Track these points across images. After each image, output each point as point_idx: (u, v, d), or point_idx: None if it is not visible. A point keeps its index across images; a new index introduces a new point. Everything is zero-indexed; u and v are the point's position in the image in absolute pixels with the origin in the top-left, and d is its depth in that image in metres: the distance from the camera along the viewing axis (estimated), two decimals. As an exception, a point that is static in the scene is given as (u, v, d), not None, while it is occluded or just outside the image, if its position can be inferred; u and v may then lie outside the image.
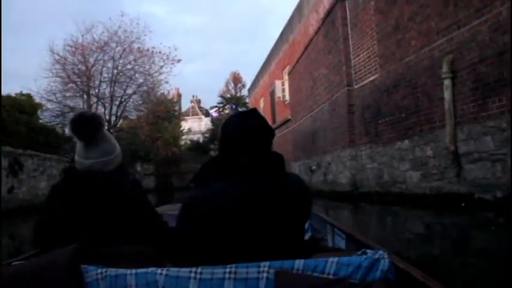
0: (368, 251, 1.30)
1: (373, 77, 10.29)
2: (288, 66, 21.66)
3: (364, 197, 10.58)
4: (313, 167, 14.59)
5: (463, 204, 6.95)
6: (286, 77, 22.66)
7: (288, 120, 20.15)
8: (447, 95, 7.25)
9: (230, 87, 61.30)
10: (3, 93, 21.50)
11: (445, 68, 7.30)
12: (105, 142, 1.91)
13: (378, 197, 9.87)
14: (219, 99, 60.68)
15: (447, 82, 7.26)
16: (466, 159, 6.97)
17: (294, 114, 18.39)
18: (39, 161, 13.99)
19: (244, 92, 57.60)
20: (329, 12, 12.69)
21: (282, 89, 23.12)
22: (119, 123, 34.74)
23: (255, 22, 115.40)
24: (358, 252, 1.30)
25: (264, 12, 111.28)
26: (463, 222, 6.71)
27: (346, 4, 11.59)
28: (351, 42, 11.44)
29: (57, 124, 31.11)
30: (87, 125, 1.83)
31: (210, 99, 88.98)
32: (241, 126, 1.55)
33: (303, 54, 16.32)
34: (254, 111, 1.65)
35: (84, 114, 1.91)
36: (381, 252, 1.28)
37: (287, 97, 22.33)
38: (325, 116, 13.30)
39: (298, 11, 19.91)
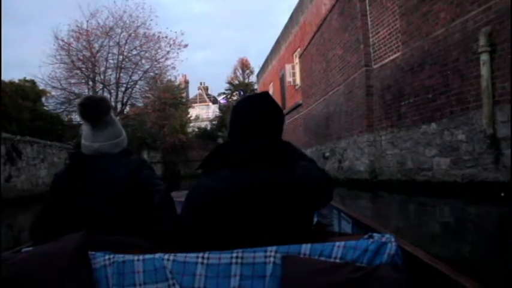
0: (375, 234, 1.30)
1: (394, 56, 9.47)
2: (298, 49, 20.80)
3: (384, 185, 9.81)
4: (327, 154, 13.82)
5: (502, 194, 6.16)
6: (296, 60, 21.82)
7: (298, 105, 19.32)
8: (485, 71, 6.43)
9: (238, 74, 60.53)
10: (6, 79, 21.02)
11: (482, 41, 6.48)
12: (112, 126, 1.93)
13: (400, 186, 9.10)
14: (227, 85, 60.03)
15: (484, 57, 6.44)
16: (506, 144, 6.17)
17: (306, 98, 17.56)
18: (39, 148, 13.34)
19: (253, 78, 56.79)
20: (345, -12, 11.82)
21: (293, 73, 22.30)
22: (126, 110, 34.31)
23: (263, 8, 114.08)
24: (365, 236, 1.30)
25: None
26: (503, 214, 5.95)
27: (364, -23, 10.73)
28: (369, 19, 10.59)
29: (63, 111, 30.76)
30: (95, 108, 1.86)
31: (218, 86, 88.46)
32: (249, 113, 1.53)
33: (315, 35, 15.47)
34: (264, 96, 1.59)
35: (92, 97, 1.93)
36: (387, 235, 1.27)
37: (298, 81, 21.52)
38: (340, 99, 12.50)
39: (310, -10, 19.00)
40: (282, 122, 1.59)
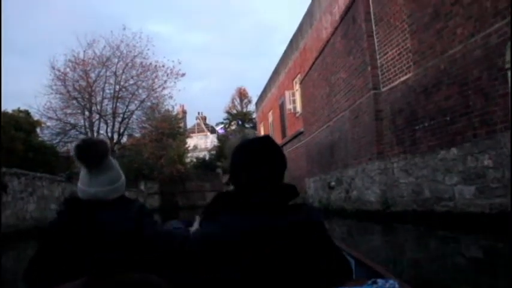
0: (379, 280, 1.31)
1: (405, 77, 8.85)
2: (299, 75, 20.31)
3: (397, 216, 9.03)
4: (332, 183, 13.07)
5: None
6: (297, 87, 21.31)
7: (300, 133, 18.68)
8: (514, 89, 5.79)
9: (236, 103, 60.41)
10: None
11: (508, 56, 5.85)
12: (111, 170, 1.88)
13: (416, 217, 8.34)
14: (225, 115, 59.73)
15: (513, 73, 5.81)
16: (543, 169, 5.47)
17: (307, 126, 16.91)
18: (27, 180, 12.54)
19: (251, 107, 56.69)
20: (348, 9, 11.31)
21: (293, 100, 21.76)
22: (122, 140, 33.72)
23: (260, 39, 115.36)
24: (369, 282, 1.31)
25: (268, 29, 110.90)
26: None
27: (369, -3, 10.23)
28: (376, 39, 10.03)
29: (58, 142, 30.16)
30: (93, 151, 1.80)
31: (216, 116, 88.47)
32: (250, 160, 1.49)
33: (316, 60, 14.94)
34: (265, 140, 1.54)
35: (90, 140, 1.86)
36: (391, 281, 1.29)
37: (298, 108, 20.95)
38: (346, 125, 11.84)
39: (309, 15, 18.63)
40: (285, 167, 1.54)
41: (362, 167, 10.59)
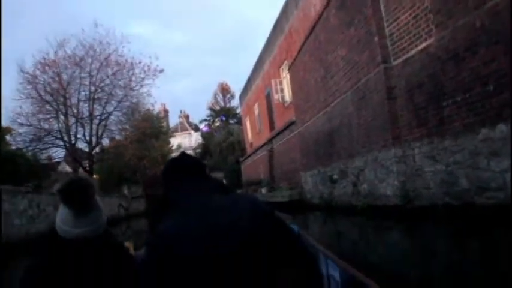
0: None
1: (425, 44, 7.32)
2: (285, 62, 18.72)
3: (422, 212, 7.52)
4: (335, 176, 11.52)
5: None
6: (284, 74, 19.73)
7: (291, 123, 17.07)
8: None
9: (219, 99, 58.87)
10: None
11: None
12: (95, 209, 1.79)
13: (449, 212, 6.83)
14: (208, 112, 58.07)
15: None
16: None
17: (300, 114, 15.30)
18: (-18, 194, 10.77)
19: (234, 102, 55.12)
20: (345, -27, 9.74)
21: (280, 89, 20.19)
22: (103, 143, 31.97)
23: (242, 35, 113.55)
24: None
25: (249, 24, 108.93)
26: None
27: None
28: (382, 4, 8.48)
29: (33, 150, 28.36)
30: (80, 195, 1.73)
31: (200, 114, 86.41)
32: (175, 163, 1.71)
33: (307, 40, 13.35)
34: (183, 153, 1.79)
35: (76, 182, 1.76)
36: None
37: (287, 98, 19.39)
38: (349, 108, 10.28)
39: (295, -6, 17.04)
40: (204, 167, 1.71)
41: (373, 156, 9.04)
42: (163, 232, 1.44)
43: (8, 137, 26.62)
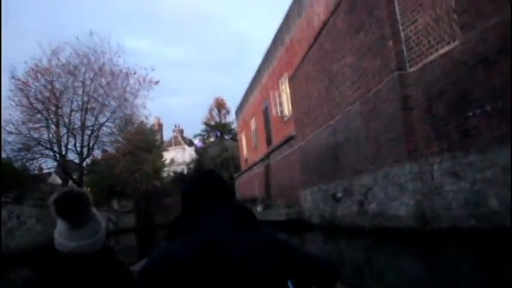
0: None
1: (447, 48, 6.59)
2: (285, 74, 18.01)
3: (442, 235, 6.70)
4: (339, 194, 10.69)
5: None
6: (283, 87, 19.02)
7: (290, 138, 16.28)
8: None
9: (214, 114, 58.06)
10: None
11: None
12: (93, 221, 1.73)
13: (476, 236, 6.02)
14: (203, 127, 57.29)
15: None
16: None
17: (300, 128, 14.52)
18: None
19: (229, 118, 54.33)
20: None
21: (279, 102, 19.43)
22: (95, 155, 31.10)
23: (237, 51, 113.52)
24: None
25: (245, 41, 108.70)
26: None
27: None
28: (397, 6, 7.78)
29: (22, 159, 27.49)
30: (75, 207, 1.67)
31: (194, 130, 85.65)
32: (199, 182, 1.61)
33: (310, 49, 12.66)
34: (210, 171, 1.69)
35: (70, 194, 1.69)
36: None
37: (286, 111, 18.65)
38: (356, 121, 9.51)
39: (297, 3, 16.41)
40: (232, 191, 1.66)
41: (384, 172, 8.24)
42: (170, 252, 1.41)
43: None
